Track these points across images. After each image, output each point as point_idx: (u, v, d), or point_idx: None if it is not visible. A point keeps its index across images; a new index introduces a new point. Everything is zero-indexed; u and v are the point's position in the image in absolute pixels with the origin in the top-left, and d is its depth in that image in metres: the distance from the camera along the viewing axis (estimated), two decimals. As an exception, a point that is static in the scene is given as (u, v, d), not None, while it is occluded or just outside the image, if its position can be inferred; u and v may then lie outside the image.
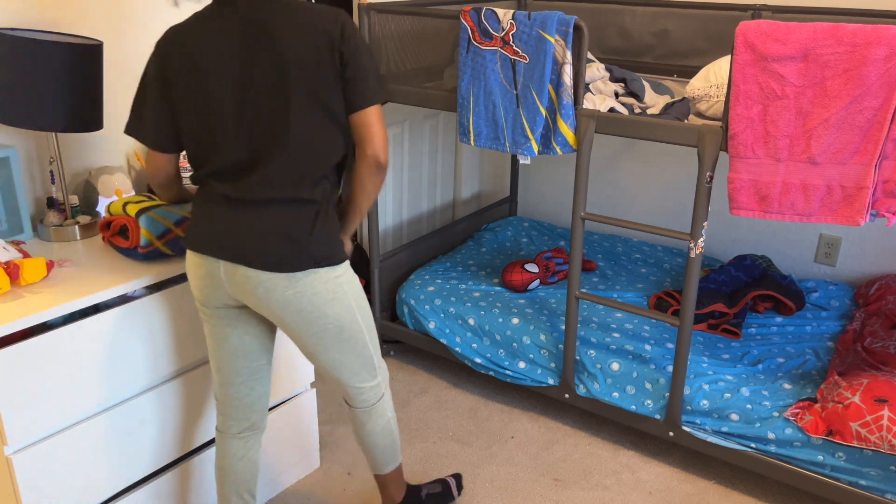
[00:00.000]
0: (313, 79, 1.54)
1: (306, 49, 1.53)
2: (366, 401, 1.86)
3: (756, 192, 1.93)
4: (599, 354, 2.43)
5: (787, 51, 1.78)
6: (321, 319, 1.66)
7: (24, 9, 1.88)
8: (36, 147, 1.99)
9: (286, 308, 1.63)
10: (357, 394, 1.84)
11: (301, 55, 1.53)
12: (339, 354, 1.74)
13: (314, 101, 1.56)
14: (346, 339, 1.73)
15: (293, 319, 1.65)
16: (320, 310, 1.65)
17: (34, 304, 1.58)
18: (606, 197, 3.40)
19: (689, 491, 2.31)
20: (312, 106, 1.56)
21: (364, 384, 1.83)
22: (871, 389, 2.03)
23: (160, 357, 1.83)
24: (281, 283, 1.60)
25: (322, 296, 1.64)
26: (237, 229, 1.59)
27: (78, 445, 1.70)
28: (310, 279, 1.62)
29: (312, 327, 1.67)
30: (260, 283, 1.60)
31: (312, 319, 1.66)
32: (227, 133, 1.57)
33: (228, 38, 1.55)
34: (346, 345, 1.73)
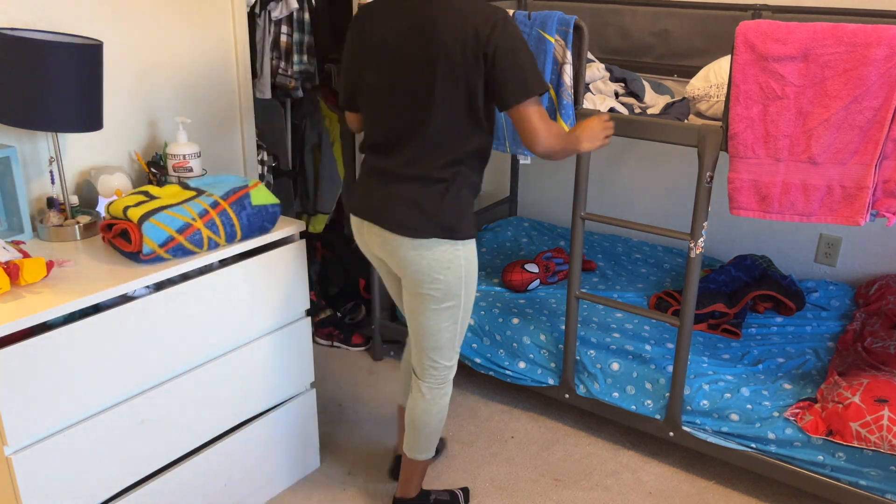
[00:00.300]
0: (456, 73, 1.67)
1: (454, 44, 1.65)
2: (434, 377, 2.01)
3: (756, 192, 1.93)
4: (599, 354, 2.43)
5: (787, 51, 1.78)
6: (431, 283, 1.84)
7: (24, 9, 1.88)
8: (36, 147, 1.98)
9: (407, 266, 1.84)
10: (430, 367, 1.99)
11: (448, 49, 1.65)
12: (434, 322, 1.91)
13: (454, 94, 1.69)
14: (445, 309, 1.89)
15: (410, 277, 1.86)
16: (432, 274, 1.83)
17: (34, 304, 1.58)
18: (606, 197, 3.40)
19: (689, 491, 2.31)
20: (452, 97, 1.70)
21: (439, 361, 1.98)
22: (871, 389, 2.03)
23: (160, 357, 1.83)
24: (406, 244, 1.81)
25: (439, 262, 1.82)
26: (379, 197, 1.84)
27: (78, 445, 1.70)
28: (432, 246, 1.81)
29: (421, 287, 1.86)
30: (388, 242, 1.84)
31: (424, 281, 1.84)
32: (381, 112, 1.79)
33: (396, 24, 1.71)
34: (442, 314, 1.90)
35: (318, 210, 3.37)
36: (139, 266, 1.78)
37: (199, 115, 2.36)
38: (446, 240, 1.81)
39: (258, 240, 1.98)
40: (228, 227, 1.88)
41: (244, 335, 2.04)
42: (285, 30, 2.89)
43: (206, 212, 1.84)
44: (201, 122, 2.37)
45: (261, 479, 2.21)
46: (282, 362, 2.17)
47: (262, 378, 2.12)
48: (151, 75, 2.19)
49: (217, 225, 1.85)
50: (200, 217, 1.83)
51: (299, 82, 2.98)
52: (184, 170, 2.09)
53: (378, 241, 1.88)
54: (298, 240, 2.12)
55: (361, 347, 3.13)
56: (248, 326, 2.04)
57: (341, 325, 3.17)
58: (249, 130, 2.51)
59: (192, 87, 2.31)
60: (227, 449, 2.07)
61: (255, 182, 1.99)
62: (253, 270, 2.00)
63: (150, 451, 1.87)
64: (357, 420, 2.65)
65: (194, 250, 1.83)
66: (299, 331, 2.20)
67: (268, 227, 1.99)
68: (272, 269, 2.05)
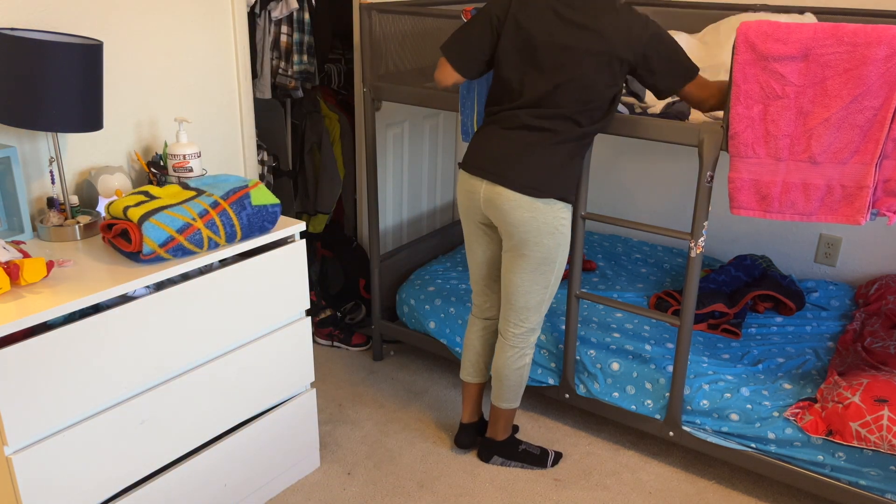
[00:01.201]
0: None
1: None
2: (517, 337, 2.21)
3: (756, 192, 1.93)
4: (599, 354, 2.43)
5: (787, 50, 1.78)
6: (536, 246, 2.03)
7: (24, 9, 1.88)
8: (36, 147, 1.98)
9: (519, 226, 2.01)
10: (516, 325, 2.19)
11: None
12: (528, 283, 2.10)
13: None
14: (541, 273, 2.08)
15: (518, 236, 2.03)
16: (539, 237, 2.02)
17: (34, 304, 1.58)
18: (606, 197, 3.40)
19: (689, 491, 2.31)
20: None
21: (524, 323, 2.18)
22: (871, 389, 2.03)
23: (160, 357, 1.83)
24: (525, 203, 1.98)
25: (548, 226, 2.01)
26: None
27: (78, 445, 1.70)
28: (547, 208, 1.99)
29: (526, 248, 2.04)
30: (506, 201, 2.00)
31: (532, 243, 2.03)
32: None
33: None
34: (537, 276, 2.09)
35: (318, 210, 3.37)
36: (139, 266, 1.78)
37: (199, 115, 2.36)
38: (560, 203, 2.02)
39: (258, 240, 1.98)
40: (228, 227, 1.88)
41: (244, 335, 2.04)
42: (285, 30, 2.89)
43: (206, 212, 1.84)
44: (201, 122, 2.37)
45: (261, 479, 2.21)
46: (282, 362, 2.17)
47: (262, 378, 2.12)
48: (151, 75, 2.19)
49: (217, 225, 1.85)
50: (200, 217, 1.83)
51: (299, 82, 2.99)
52: (184, 170, 2.09)
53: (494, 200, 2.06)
54: (298, 240, 2.12)
55: (361, 347, 3.13)
56: (248, 326, 2.04)
57: (341, 325, 3.18)
58: (249, 130, 2.51)
59: (192, 87, 2.31)
60: (227, 449, 2.07)
61: (255, 182, 1.99)
62: (253, 270, 2.00)
63: (150, 451, 1.87)
64: (357, 420, 2.65)
65: (194, 250, 1.83)
66: (299, 331, 2.20)
67: (268, 227, 1.99)
68: (272, 269, 2.05)
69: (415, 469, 2.40)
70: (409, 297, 2.85)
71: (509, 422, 2.37)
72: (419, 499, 2.27)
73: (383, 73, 2.64)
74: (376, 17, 2.55)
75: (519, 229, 2.01)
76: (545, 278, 2.10)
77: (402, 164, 3.30)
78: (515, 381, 2.26)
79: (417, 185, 3.41)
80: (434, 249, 3.25)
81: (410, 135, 3.28)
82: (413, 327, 2.86)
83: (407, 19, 2.63)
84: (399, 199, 3.34)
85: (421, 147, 3.37)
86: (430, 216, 3.56)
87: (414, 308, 2.82)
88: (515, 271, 2.09)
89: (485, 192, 2.04)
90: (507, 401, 2.31)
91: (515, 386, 2.28)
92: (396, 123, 3.19)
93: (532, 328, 2.20)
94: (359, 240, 3.31)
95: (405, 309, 2.87)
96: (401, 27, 2.62)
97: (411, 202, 3.42)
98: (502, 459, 2.40)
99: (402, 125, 3.23)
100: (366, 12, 2.53)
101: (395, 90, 2.57)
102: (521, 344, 2.22)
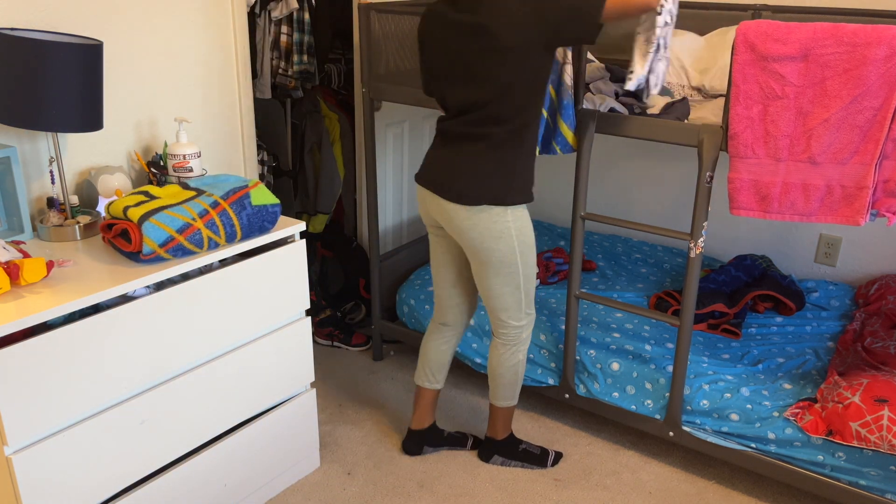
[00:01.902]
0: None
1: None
2: (506, 335, 2.20)
3: (756, 192, 1.93)
4: (599, 354, 2.43)
5: (787, 51, 1.78)
6: (487, 252, 2.02)
7: (24, 9, 1.88)
8: (36, 147, 1.99)
9: (463, 234, 2.02)
10: (501, 326, 2.19)
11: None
12: (497, 286, 2.10)
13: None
14: (505, 275, 2.07)
15: (467, 245, 2.04)
16: (486, 243, 2.01)
17: (34, 304, 1.58)
18: (606, 197, 3.40)
19: (689, 491, 2.31)
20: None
21: (510, 321, 2.17)
22: (871, 389, 2.03)
23: (160, 357, 1.83)
24: (459, 211, 1.98)
25: (491, 231, 1.99)
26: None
27: (78, 445, 1.70)
28: (482, 214, 1.97)
29: (480, 256, 2.04)
30: (446, 211, 2.02)
31: (479, 249, 2.03)
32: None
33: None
34: (503, 279, 2.07)
35: (318, 210, 3.37)
36: (139, 266, 1.78)
37: (199, 115, 2.36)
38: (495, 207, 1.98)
39: (258, 240, 1.98)
40: (228, 227, 1.88)
41: (244, 335, 2.04)
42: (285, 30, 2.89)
43: (206, 212, 1.84)
44: (201, 122, 2.37)
45: (261, 479, 2.21)
46: (282, 362, 2.17)
47: (262, 378, 2.12)
48: (151, 75, 2.19)
49: (217, 225, 1.85)
50: (200, 217, 1.83)
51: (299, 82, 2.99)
52: (184, 170, 2.09)
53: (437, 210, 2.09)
54: (298, 240, 2.12)
55: (361, 347, 3.13)
56: (248, 326, 2.04)
57: (341, 325, 3.18)
58: (249, 130, 2.51)
59: (192, 87, 2.31)
60: (227, 449, 2.07)
61: (255, 182, 1.99)
62: (253, 270, 2.00)
63: (150, 451, 1.87)
64: (357, 420, 2.65)
65: (194, 250, 1.83)
66: (299, 331, 2.20)
67: (268, 227, 1.99)
68: (272, 269, 2.06)
69: (415, 469, 2.40)
70: (409, 297, 2.85)
71: (508, 420, 2.37)
72: (419, 499, 2.27)
73: (383, 73, 2.64)
74: (375, 18, 2.55)
75: (464, 237, 2.03)
76: (512, 279, 2.08)
77: (402, 164, 3.30)
78: (510, 378, 2.26)
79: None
80: (434, 249, 3.25)
81: (410, 135, 3.28)
82: (413, 327, 2.86)
83: (406, 19, 2.63)
84: (399, 199, 3.34)
85: (421, 147, 3.37)
86: (430, 216, 3.55)
87: (414, 308, 2.82)
88: (481, 277, 2.10)
89: (429, 202, 2.07)
90: (504, 399, 2.31)
91: (511, 384, 2.28)
92: (396, 123, 3.19)
93: (518, 325, 2.18)
94: (359, 240, 3.31)
95: (405, 309, 2.87)
96: (400, 27, 2.62)
97: (411, 202, 3.42)
98: (502, 459, 2.40)
99: (402, 125, 3.23)
100: (365, 12, 2.53)
101: (395, 90, 2.57)
102: (512, 341, 2.21)
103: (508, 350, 2.22)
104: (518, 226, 2.02)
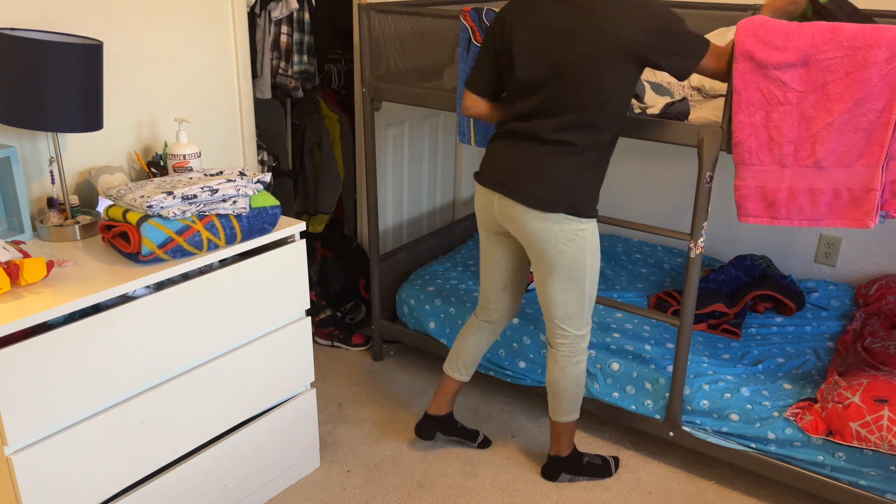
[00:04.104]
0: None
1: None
2: (566, 346, 2.15)
3: (763, 199, 1.92)
4: (599, 354, 2.43)
5: (787, 58, 1.78)
6: (558, 255, 2.00)
7: (24, 9, 1.88)
8: (36, 147, 1.98)
9: (533, 238, 2.00)
10: (562, 335, 2.14)
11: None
12: (562, 292, 2.06)
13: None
14: (572, 280, 2.04)
15: (538, 247, 2.01)
16: (557, 247, 1.99)
17: (34, 304, 1.58)
18: (606, 197, 3.40)
19: (689, 491, 2.31)
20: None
21: (570, 329, 2.12)
22: (871, 389, 2.03)
23: (160, 357, 1.83)
24: (536, 216, 1.96)
25: (563, 237, 1.97)
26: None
27: (78, 445, 1.70)
28: (559, 222, 1.95)
29: (549, 258, 2.01)
30: (519, 214, 1.99)
31: (548, 252, 2.00)
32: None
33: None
34: (570, 284, 2.04)
35: (318, 210, 3.37)
36: (139, 266, 1.78)
37: (199, 115, 2.36)
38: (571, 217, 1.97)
39: (258, 240, 1.98)
40: (228, 229, 1.88)
41: (244, 335, 2.04)
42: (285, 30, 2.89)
43: (205, 214, 1.84)
44: (201, 122, 2.37)
45: (261, 479, 2.21)
46: (282, 362, 2.17)
47: (262, 378, 2.12)
48: (151, 75, 2.19)
49: (217, 227, 1.85)
50: (200, 219, 1.83)
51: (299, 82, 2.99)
52: (184, 170, 2.09)
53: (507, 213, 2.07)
54: (298, 240, 2.12)
55: (361, 347, 3.13)
56: (248, 326, 2.04)
57: (341, 325, 3.18)
58: (249, 130, 2.51)
59: (192, 87, 2.31)
60: (226, 449, 2.07)
61: (255, 182, 1.99)
62: (253, 270, 2.00)
63: (150, 451, 1.87)
64: (357, 420, 2.65)
65: (193, 252, 1.83)
66: (299, 331, 2.20)
67: (268, 228, 1.99)
68: (272, 269, 2.05)
69: (415, 469, 2.40)
70: (409, 297, 2.85)
71: (571, 435, 2.31)
72: (419, 499, 2.27)
73: (383, 73, 2.64)
74: (375, 18, 2.55)
75: (537, 239, 1.99)
76: (578, 285, 2.05)
77: (402, 164, 3.30)
78: (573, 391, 2.20)
79: (417, 185, 3.41)
80: (434, 249, 3.25)
81: (410, 135, 3.28)
82: (413, 327, 2.86)
83: (406, 19, 2.63)
84: (399, 199, 3.34)
85: (421, 147, 3.37)
86: (430, 216, 3.56)
87: (414, 308, 2.82)
88: (547, 283, 2.06)
89: (498, 204, 2.03)
90: (567, 413, 2.24)
91: (573, 396, 2.21)
92: (396, 123, 3.19)
93: (580, 335, 2.14)
94: (359, 240, 3.31)
95: (405, 309, 2.87)
96: (400, 27, 2.62)
97: (411, 202, 3.42)
98: (570, 476, 2.34)
99: (402, 125, 3.23)
100: (365, 12, 2.53)
101: (395, 90, 2.57)
102: (573, 351, 2.15)
103: (570, 360, 2.16)
104: (589, 234, 2.00)
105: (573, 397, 2.22)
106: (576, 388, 2.20)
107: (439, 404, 2.43)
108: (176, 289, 1.82)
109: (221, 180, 1.87)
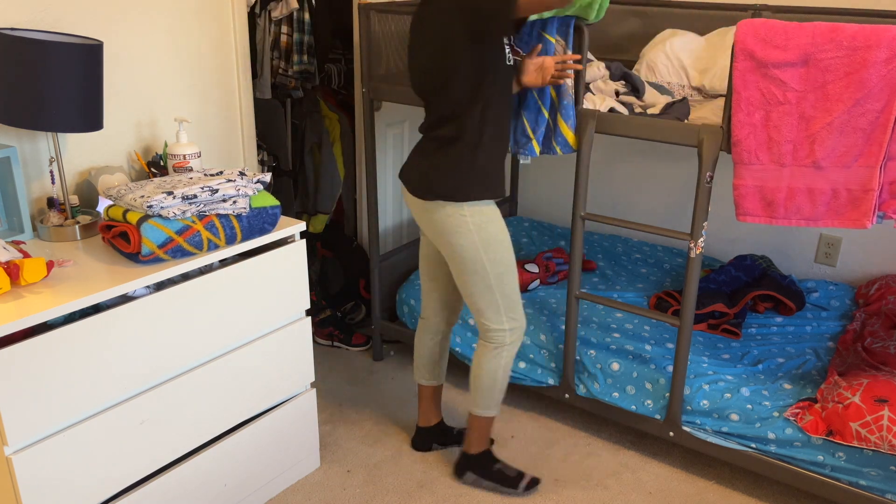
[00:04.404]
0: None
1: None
2: (489, 338, 2.11)
3: (762, 198, 1.92)
4: (599, 354, 2.43)
5: (787, 57, 1.78)
6: (449, 247, 1.99)
7: (24, 9, 1.88)
8: (36, 147, 1.99)
9: (427, 228, 2.02)
10: (482, 327, 2.11)
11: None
12: (469, 285, 2.03)
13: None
14: (469, 273, 2.00)
15: (435, 240, 2.02)
16: (446, 238, 1.97)
17: (34, 304, 1.58)
18: (606, 197, 3.40)
19: (689, 491, 2.31)
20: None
21: (488, 322, 2.08)
22: (871, 389, 2.03)
23: (160, 357, 1.83)
24: (421, 206, 1.98)
25: (448, 226, 1.95)
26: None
27: (78, 445, 1.70)
28: (439, 209, 1.94)
29: (444, 250, 2.02)
30: (410, 204, 2.03)
31: (443, 244, 2.00)
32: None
33: None
34: (472, 278, 2.01)
35: (318, 210, 3.37)
36: (139, 266, 1.78)
37: (199, 115, 2.36)
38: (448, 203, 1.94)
39: (258, 240, 1.98)
40: (228, 229, 1.88)
41: (244, 335, 2.04)
42: (285, 30, 2.89)
43: (205, 214, 1.84)
44: (201, 122, 2.37)
45: (261, 479, 2.21)
46: (282, 362, 2.17)
47: (262, 378, 2.12)
48: (151, 75, 2.19)
49: (217, 227, 1.85)
50: (200, 219, 1.83)
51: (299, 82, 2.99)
52: (184, 170, 2.09)
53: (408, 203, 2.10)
54: (298, 240, 2.12)
55: (361, 347, 3.13)
56: (248, 326, 2.04)
57: (341, 325, 3.18)
58: (249, 130, 2.51)
59: (192, 87, 2.31)
60: (227, 449, 2.07)
61: (255, 182, 1.99)
62: (253, 270, 2.00)
63: (150, 451, 1.87)
64: (357, 420, 2.65)
65: (193, 252, 1.83)
66: (299, 331, 2.20)
67: (268, 228, 1.99)
68: (272, 269, 2.06)
69: (415, 469, 2.40)
70: (409, 297, 2.85)
71: (483, 433, 2.24)
72: (419, 499, 2.27)
73: (383, 73, 2.64)
74: (375, 18, 2.55)
75: (427, 230, 2.04)
76: (482, 280, 2.00)
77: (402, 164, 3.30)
78: (488, 384, 2.13)
79: (417, 185, 3.41)
80: (434, 249, 3.25)
81: (410, 135, 3.28)
82: (413, 327, 2.86)
83: (406, 19, 2.63)
84: (399, 199, 3.34)
85: (421, 147, 3.36)
86: (430, 216, 3.55)
87: (414, 308, 2.82)
88: (455, 276, 2.07)
89: (404, 196, 2.09)
90: (480, 407, 2.18)
91: (488, 390, 2.14)
92: (396, 123, 3.19)
93: (497, 329, 2.07)
94: (359, 240, 3.31)
95: (405, 309, 2.87)
96: (400, 27, 2.62)
97: (411, 202, 3.42)
98: (475, 477, 2.27)
99: (402, 125, 3.23)
100: (365, 12, 2.53)
101: (395, 90, 2.57)
102: (493, 343, 2.10)
103: (489, 352, 2.11)
104: (477, 221, 1.94)
105: (488, 391, 2.15)
106: (491, 381, 2.13)
107: (425, 415, 2.43)
108: (176, 289, 1.82)
109: (221, 180, 1.87)
